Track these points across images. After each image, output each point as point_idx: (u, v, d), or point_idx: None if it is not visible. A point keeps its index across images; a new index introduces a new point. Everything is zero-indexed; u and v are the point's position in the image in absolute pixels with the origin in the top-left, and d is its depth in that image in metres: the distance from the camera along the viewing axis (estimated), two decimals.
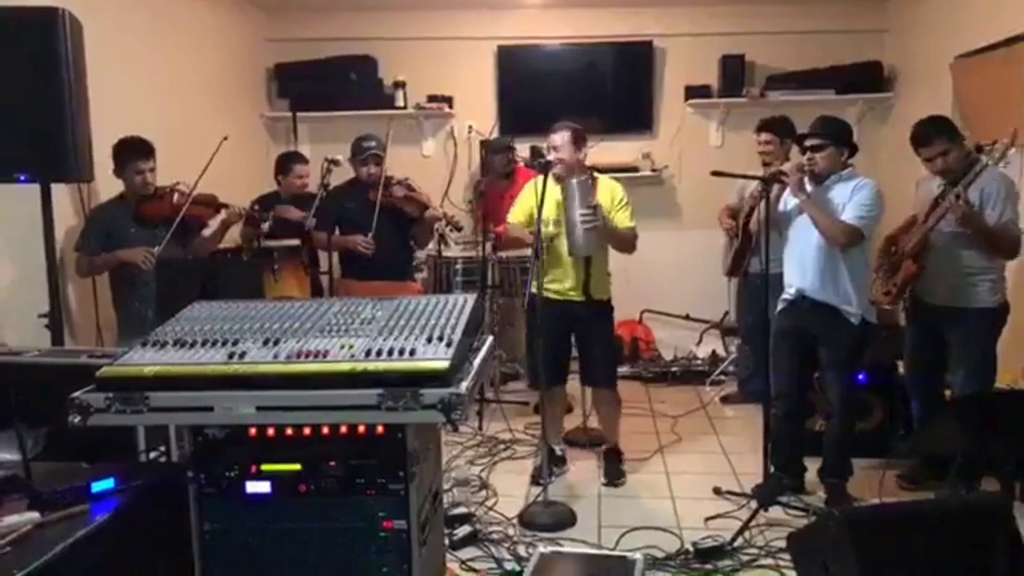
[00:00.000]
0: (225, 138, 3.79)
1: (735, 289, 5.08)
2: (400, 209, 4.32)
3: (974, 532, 2.25)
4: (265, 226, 4.24)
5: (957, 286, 3.38)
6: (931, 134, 3.34)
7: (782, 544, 2.90)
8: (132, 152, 3.54)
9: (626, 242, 3.72)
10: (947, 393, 3.60)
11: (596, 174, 3.76)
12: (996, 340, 3.40)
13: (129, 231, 3.55)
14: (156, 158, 3.60)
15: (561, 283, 3.67)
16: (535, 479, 3.75)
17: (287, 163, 4.82)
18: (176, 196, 3.64)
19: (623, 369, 5.51)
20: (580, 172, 3.64)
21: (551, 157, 3.65)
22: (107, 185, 3.66)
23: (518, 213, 3.82)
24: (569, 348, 3.85)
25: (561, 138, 3.64)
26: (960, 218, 3.20)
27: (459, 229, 4.73)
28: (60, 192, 3.28)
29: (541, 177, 3.50)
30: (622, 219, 3.68)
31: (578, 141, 3.67)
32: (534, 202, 3.54)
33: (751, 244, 4.37)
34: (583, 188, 3.50)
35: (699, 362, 5.62)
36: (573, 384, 4.07)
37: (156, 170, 3.61)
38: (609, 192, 3.70)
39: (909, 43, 5.43)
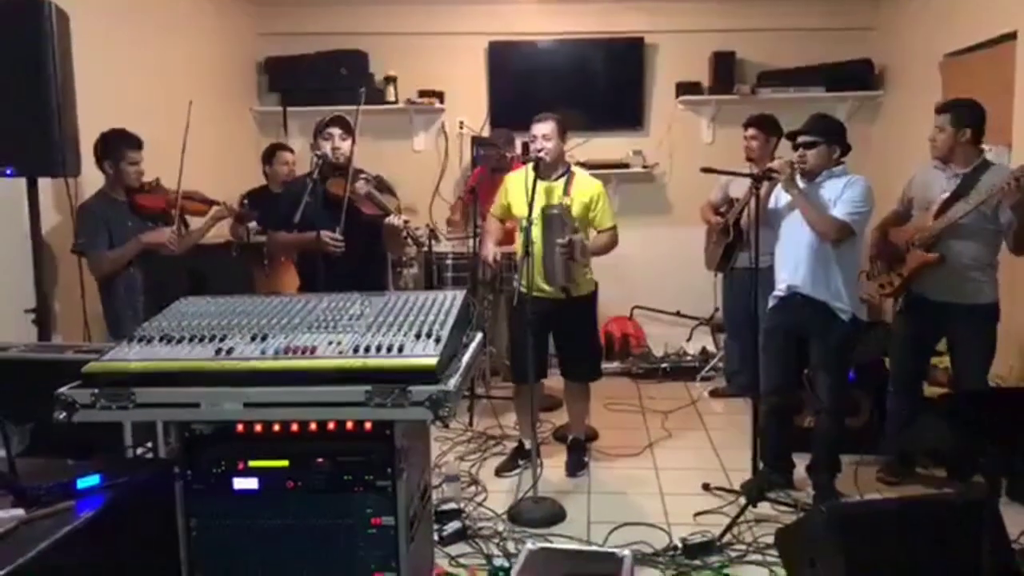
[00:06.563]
0: (191, 102, 3.58)
1: (721, 284, 5.10)
2: (357, 209, 3.48)
3: (960, 528, 2.26)
4: (253, 224, 4.22)
5: (966, 281, 3.36)
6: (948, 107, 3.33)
7: (770, 540, 2.92)
8: (126, 143, 3.47)
9: (606, 248, 3.73)
10: (929, 389, 3.61)
11: (574, 169, 3.76)
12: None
13: (127, 224, 3.48)
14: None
15: (543, 282, 3.64)
16: (498, 472, 3.85)
17: (270, 152, 4.79)
18: (169, 191, 3.61)
19: (614, 365, 5.54)
20: (561, 164, 3.66)
21: (535, 147, 3.60)
22: (94, 179, 3.63)
23: (496, 208, 3.86)
24: (548, 345, 3.86)
25: (547, 128, 3.59)
26: (1016, 204, 3.12)
27: (419, 245, 4.10)
28: (45, 185, 3.24)
29: (523, 171, 3.48)
30: (601, 220, 3.68)
31: (563, 132, 3.66)
32: (512, 197, 3.61)
33: (741, 240, 4.38)
34: (558, 221, 3.49)
35: (689, 358, 5.63)
36: (559, 381, 4.06)
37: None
38: (587, 192, 3.66)
39: (899, 41, 5.45)
